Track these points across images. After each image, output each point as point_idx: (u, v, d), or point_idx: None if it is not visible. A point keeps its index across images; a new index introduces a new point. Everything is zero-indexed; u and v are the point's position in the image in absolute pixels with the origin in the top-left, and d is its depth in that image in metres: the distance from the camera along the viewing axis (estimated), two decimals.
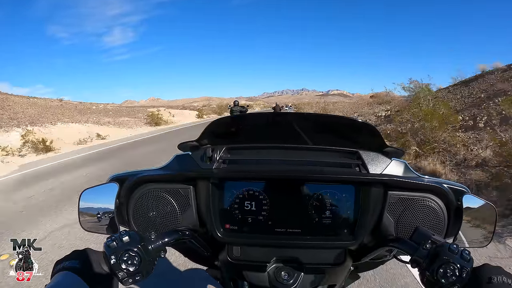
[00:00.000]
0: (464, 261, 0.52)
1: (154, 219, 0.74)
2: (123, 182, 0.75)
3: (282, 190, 0.74)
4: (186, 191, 0.74)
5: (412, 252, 0.58)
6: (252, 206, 0.74)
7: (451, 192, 0.71)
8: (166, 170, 0.76)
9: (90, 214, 0.76)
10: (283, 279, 0.71)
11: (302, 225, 0.73)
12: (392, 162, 0.73)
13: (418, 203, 0.71)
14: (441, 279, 0.52)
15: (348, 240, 0.72)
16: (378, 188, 0.71)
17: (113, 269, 0.54)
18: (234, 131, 0.83)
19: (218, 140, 0.77)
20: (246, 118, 0.80)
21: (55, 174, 6.46)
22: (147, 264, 0.57)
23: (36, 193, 4.96)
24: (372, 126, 0.75)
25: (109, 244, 0.55)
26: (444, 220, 0.71)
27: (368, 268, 0.89)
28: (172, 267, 2.55)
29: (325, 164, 0.73)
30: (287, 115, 0.77)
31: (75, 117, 17.15)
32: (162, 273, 2.49)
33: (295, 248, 0.74)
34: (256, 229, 0.74)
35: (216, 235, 0.72)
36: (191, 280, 2.41)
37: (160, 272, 2.50)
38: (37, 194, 4.94)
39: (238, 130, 0.83)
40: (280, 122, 0.82)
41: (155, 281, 2.31)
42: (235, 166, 0.74)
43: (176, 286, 2.38)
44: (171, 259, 2.62)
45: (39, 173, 6.72)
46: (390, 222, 0.71)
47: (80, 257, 0.54)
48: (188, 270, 2.48)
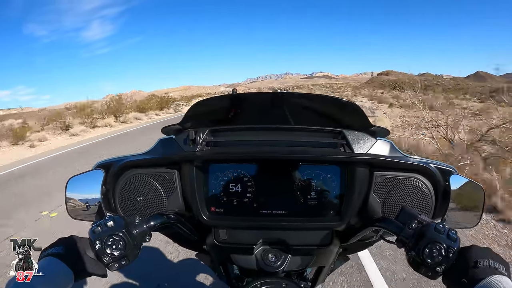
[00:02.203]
0: (450, 241, 0.51)
1: (140, 204, 0.74)
2: (108, 169, 0.75)
3: (267, 171, 0.74)
4: (170, 175, 0.74)
5: (398, 232, 0.58)
6: (237, 188, 0.74)
7: (438, 172, 0.70)
8: (150, 154, 0.76)
9: (77, 202, 0.76)
10: (271, 261, 0.72)
11: (287, 207, 0.73)
12: (377, 142, 0.72)
13: (404, 183, 0.70)
14: (427, 259, 0.51)
15: (335, 221, 0.72)
16: (363, 168, 0.70)
17: (99, 254, 0.55)
18: (217, 113, 0.82)
19: (201, 122, 0.76)
20: (229, 99, 0.77)
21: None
22: (132, 249, 0.57)
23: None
24: (356, 105, 0.74)
25: (94, 230, 0.56)
26: (432, 200, 0.70)
27: (356, 249, 0.89)
28: (163, 256, 2.57)
29: (309, 144, 0.73)
30: (271, 95, 0.76)
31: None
32: (152, 261, 2.50)
33: (281, 230, 0.74)
34: (242, 211, 0.74)
35: (201, 218, 0.72)
36: (182, 267, 2.43)
37: (150, 260, 2.53)
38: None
39: (221, 112, 0.81)
40: (264, 103, 0.80)
41: (145, 270, 2.33)
42: (218, 148, 0.74)
43: (167, 273, 2.41)
44: (162, 248, 2.64)
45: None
46: (376, 202, 0.71)
47: (64, 243, 0.55)
48: (180, 259, 2.51)
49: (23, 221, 3.59)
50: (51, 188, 4.72)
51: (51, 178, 5.58)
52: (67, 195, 0.76)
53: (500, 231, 3.07)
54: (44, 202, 4.11)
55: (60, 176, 5.31)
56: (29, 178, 5.76)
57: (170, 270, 2.45)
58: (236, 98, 0.77)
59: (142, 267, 2.33)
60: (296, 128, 0.77)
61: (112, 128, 14.00)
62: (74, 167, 6.00)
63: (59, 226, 3.28)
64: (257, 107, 0.81)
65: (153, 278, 2.29)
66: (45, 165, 6.85)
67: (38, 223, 3.52)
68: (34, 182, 5.42)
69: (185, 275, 2.34)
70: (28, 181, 5.55)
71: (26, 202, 4.26)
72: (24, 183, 5.46)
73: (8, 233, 3.18)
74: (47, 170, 6.28)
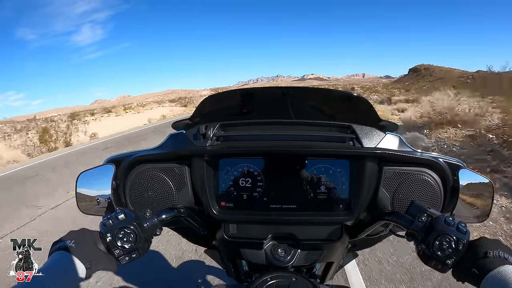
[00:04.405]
0: (460, 233, 0.51)
1: (151, 199, 0.74)
2: (119, 164, 0.75)
3: (276, 166, 0.74)
4: (181, 170, 0.74)
5: (407, 225, 0.58)
6: (247, 183, 0.74)
7: (447, 167, 0.70)
8: (160, 149, 0.76)
9: (87, 197, 0.76)
10: (280, 256, 0.71)
11: (297, 201, 0.73)
12: (386, 136, 0.72)
13: (413, 178, 0.70)
14: (437, 252, 0.51)
15: (344, 216, 0.72)
16: (372, 163, 0.71)
17: (109, 247, 0.55)
18: (226, 108, 0.82)
19: (211, 117, 0.76)
20: (239, 94, 0.77)
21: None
22: (143, 242, 0.57)
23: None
24: (366, 99, 0.75)
25: (104, 223, 0.56)
26: (441, 194, 0.70)
27: (365, 245, 0.89)
28: (170, 255, 2.57)
29: (318, 138, 0.73)
30: (281, 89, 0.75)
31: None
32: (160, 260, 2.50)
33: (291, 224, 0.73)
34: (252, 205, 0.74)
35: (212, 212, 0.72)
36: (192, 266, 2.43)
37: (158, 259, 2.53)
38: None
39: (231, 107, 0.82)
40: (274, 97, 0.80)
41: (154, 268, 2.33)
42: (228, 142, 0.74)
43: (177, 270, 2.41)
44: (171, 246, 2.64)
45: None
46: (385, 196, 0.71)
47: (75, 237, 0.55)
48: (186, 260, 2.51)
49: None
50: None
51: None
52: (77, 190, 0.76)
53: None
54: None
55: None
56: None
57: (177, 269, 2.44)
58: (245, 93, 0.77)
59: (149, 268, 2.33)
60: (306, 122, 0.77)
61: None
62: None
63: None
64: (267, 101, 0.81)
65: (158, 280, 2.27)
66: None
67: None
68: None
69: (192, 275, 2.34)
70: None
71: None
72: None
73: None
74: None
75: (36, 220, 3.84)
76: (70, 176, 5.50)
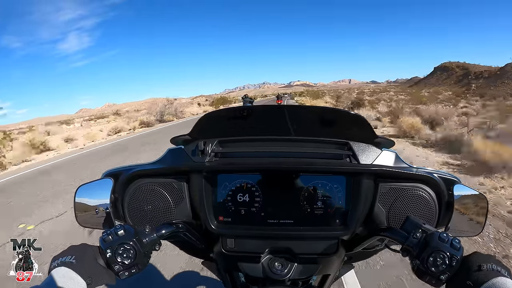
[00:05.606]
0: (454, 249, 0.53)
1: (149, 213, 0.75)
2: (117, 177, 0.77)
3: (274, 182, 0.76)
4: (179, 185, 0.76)
5: (402, 241, 0.59)
6: (245, 198, 0.75)
7: (442, 182, 0.72)
8: (159, 164, 0.78)
9: (86, 210, 0.78)
10: (277, 269, 0.72)
11: (294, 216, 0.75)
12: (382, 153, 0.74)
13: (409, 193, 0.72)
14: (431, 267, 0.53)
15: (341, 230, 0.73)
16: (369, 179, 0.72)
17: (109, 263, 0.56)
18: (225, 124, 0.83)
19: (210, 133, 0.78)
20: (237, 111, 0.77)
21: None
22: (142, 257, 0.59)
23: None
24: (361, 116, 0.76)
25: (104, 238, 0.57)
26: (435, 209, 0.72)
27: (361, 257, 0.90)
28: (168, 264, 2.56)
29: (316, 155, 0.74)
30: (279, 108, 0.77)
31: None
32: (157, 270, 2.49)
33: (288, 239, 0.75)
34: (249, 220, 0.75)
35: (210, 227, 0.74)
36: (187, 276, 2.43)
37: (156, 269, 2.51)
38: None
39: (229, 123, 0.83)
40: (272, 115, 0.81)
41: (151, 278, 2.34)
42: (227, 159, 0.75)
43: (172, 282, 2.40)
44: (168, 256, 2.63)
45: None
46: (381, 212, 0.73)
47: (76, 252, 0.56)
48: (183, 269, 2.50)
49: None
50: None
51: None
52: (76, 202, 0.78)
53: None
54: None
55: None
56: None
57: (175, 278, 2.44)
58: (244, 110, 0.79)
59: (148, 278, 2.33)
60: (303, 139, 0.78)
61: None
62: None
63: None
64: (265, 119, 0.82)
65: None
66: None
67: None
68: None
69: (189, 286, 2.34)
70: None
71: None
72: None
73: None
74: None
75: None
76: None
